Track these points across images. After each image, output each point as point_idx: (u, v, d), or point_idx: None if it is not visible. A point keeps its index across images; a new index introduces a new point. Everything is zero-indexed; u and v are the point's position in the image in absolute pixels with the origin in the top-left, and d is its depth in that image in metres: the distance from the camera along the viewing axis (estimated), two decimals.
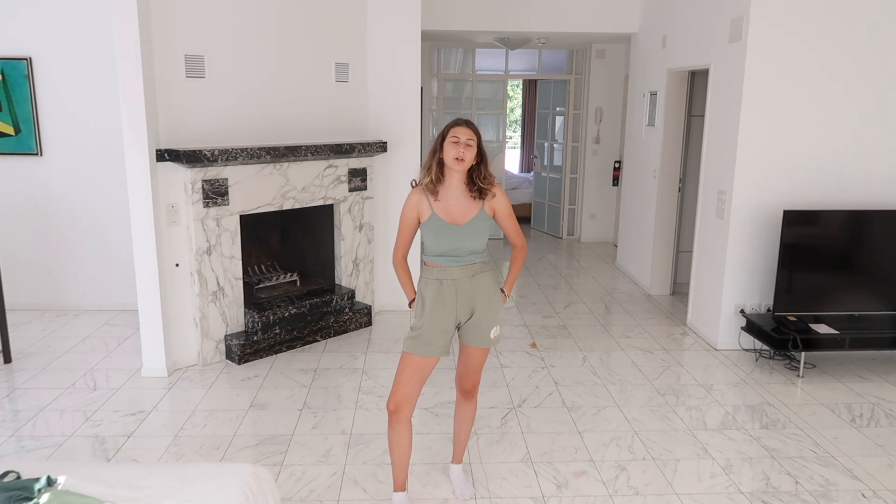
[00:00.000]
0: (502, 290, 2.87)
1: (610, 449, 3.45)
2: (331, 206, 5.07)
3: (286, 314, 4.74)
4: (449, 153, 2.63)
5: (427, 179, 2.69)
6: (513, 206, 7.81)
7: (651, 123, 6.32)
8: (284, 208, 4.71)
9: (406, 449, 2.81)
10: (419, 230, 2.79)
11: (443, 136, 2.67)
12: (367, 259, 5.30)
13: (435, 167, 2.69)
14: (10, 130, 5.25)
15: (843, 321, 4.54)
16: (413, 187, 2.78)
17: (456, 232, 2.69)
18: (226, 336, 4.54)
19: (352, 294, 5.16)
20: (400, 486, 2.88)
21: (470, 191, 2.71)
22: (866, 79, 4.53)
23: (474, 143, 2.65)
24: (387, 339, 4.99)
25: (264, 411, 3.83)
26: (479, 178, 2.70)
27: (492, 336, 2.82)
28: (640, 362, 4.63)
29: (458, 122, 2.68)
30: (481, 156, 2.69)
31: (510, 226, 2.88)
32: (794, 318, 4.50)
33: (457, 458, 3.08)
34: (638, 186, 6.73)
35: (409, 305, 2.85)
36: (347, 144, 4.87)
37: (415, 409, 2.86)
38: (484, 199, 2.72)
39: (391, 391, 2.75)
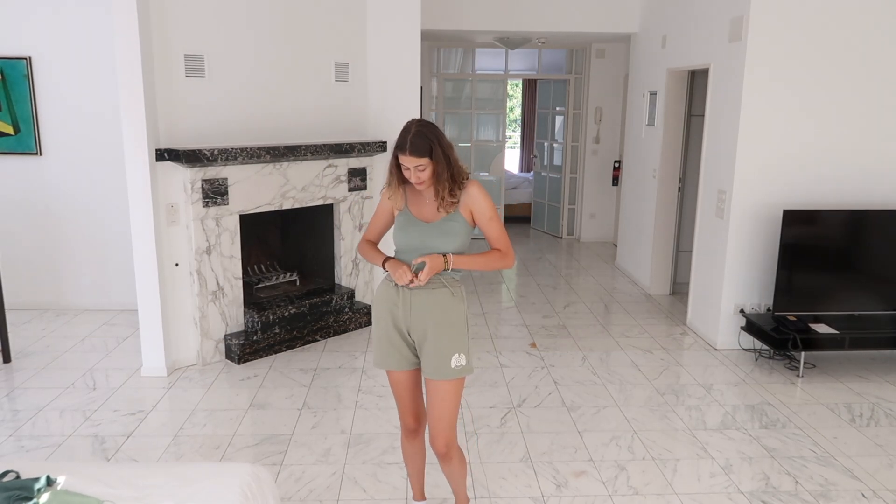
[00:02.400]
0: (445, 256, 2.35)
1: (609, 449, 3.45)
2: (330, 206, 5.07)
3: (286, 314, 4.74)
4: (405, 175, 2.37)
5: (392, 190, 2.44)
6: (513, 205, 7.79)
7: (651, 123, 6.32)
8: (284, 208, 4.71)
9: (420, 459, 2.74)
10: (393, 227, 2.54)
11: (394, 156, 2.35)
12: None
13: (399, 182, 2.42)
14: (9, 130, 5.24)
15: (842, 321, 4.54)
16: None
17: (423, 229, 2.40)
18: (225, 336, 4.54)
19: (351, 294, 5.16)
20: (419, 494, 2.83)
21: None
22: (866, 78, 4.53)
23: (426, 167, 2.30)
24: None
25: (264, 411, 3.83)
26: (439, 198, 2.36)
27: (452, 366, 2.40)
28: (640, 362, 4.63)
29: (401, 148, 2.30)
30: (443, 167, 2.31)
31: (493, 232, 2.45)
32: (794, 318, 4.50)
33: (459, 500, 2.76)
34: (638, 186, 6.73)
35: (383, 265, 2.44)
36: (347, 144, 4.87)
37: (425, 418, 2.64)
38: (450, 209, 2.39)
39: (398, 412, 2.66)
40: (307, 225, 5.20)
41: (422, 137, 2.29)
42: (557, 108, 9.02)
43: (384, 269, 2.45)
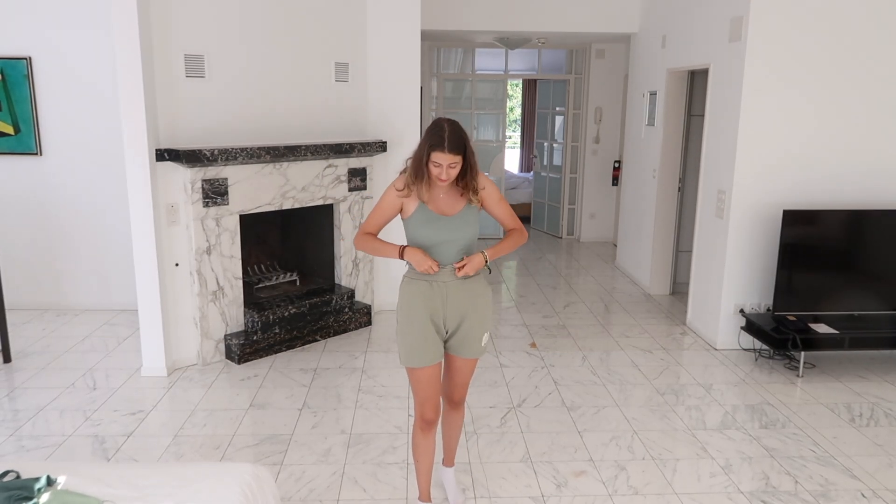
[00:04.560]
0: (483, 253, 2.53)
1: (609, 448, 3.45)
2: (330, 206, 5.07)
3: (286, 314, 4.74)
4: (432, 171, 2.46)
5: (415, 189, 2.51)
6: (513, 205, 7.82)
7: (651, 123, 6.32)
8: (284, 208, 4.71)
9: (432, 455, 2.77)
10: (404, 227, 2.60)
11: (426, 153, 2.43)
12: (366, 259, 5.30)
13: (424, 180, 2.49)
14: (9, 130, 5.25)
15: (842, 321, 4.54)
16: (401, 173, 2.57)
17: (447, 222, 2.53)
18: (225, 336, 4.54)
19: (351, 294, 5.16)
20: (426, 495, 2.82)
21: (457, 191, 2.55)
22: (866, 78, 4.53)
23: (458, 164, 2.44)
24: (386, 338, 4.99)
25: (264, 411, 3.83)
26: (470, 189, 2.52)
27: (482, 344, 2.68)
28: (640, 362, 4.63)
29: (438, 146, 2.39)
30: (469, 165, 2.49)
31: (504, 212, 2.65)
32: (794, 318, 4.50)
33: (449, 461, 2.99)
34: (637, 186, 6.73)
35: (401, 255, 2.52)
36: (347, 144, 4.88)
37: (441, 411, 2.77)
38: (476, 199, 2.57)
39: (416, 406, 2.68)
40: (307, 225, 5.20)
41: (457, 136, 2.42)
42: (557, 108, 9.01)
43: (402, 258, 2.53)
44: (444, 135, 2.40)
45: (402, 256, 2.52)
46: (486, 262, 2.54)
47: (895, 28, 4.48)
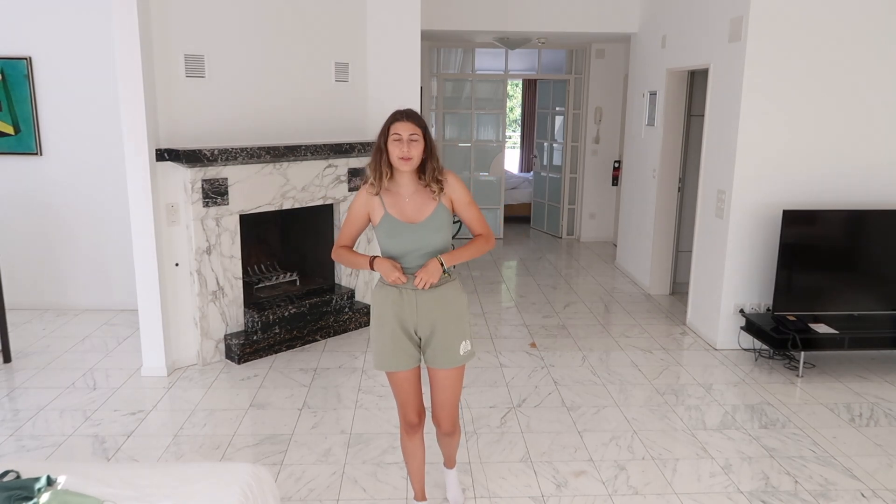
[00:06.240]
0: (438, 258, 2.43)
1: (609, 448, 3.45)
2: (330, 206, 5.07)
3: (286, 314, 4.74)
4: (393, 153, 2.40)
5: (374, 180, 2.46)
6: (513, 205, 7.83)
7: (650, 123, 6.32)
8: (284, 208, 4.72)
9: (420, 456, 2.76)
10: (375, 235, 2.58)
11: (385, 134, 2.42)
12: None
13: (384, 167, 2.44)
14: (9, 130, 5.25)
15: (842, 321, 4.54)
16: (363, 183, 2.53)
17: (413, 231, 2.45)
18: (225, 336, 4.54)
19: (351, 294, 5.16)
20: (420, 495, 2.84)
21: (424, 186, 2.47)
22: (866, 78, 4.53)
23: (419, 137, 2.40)
24: None
25: (264, 411, 3.83)
26: (429, 174, 2.45)
27: (461, 353, 2.54)
28: (640, 362, 4.63)
29: (397, 117, 2.43)
30: (429, 148, 2.44)
31: (472, 216, 2.57)
32: (794, 318, 4.51)
33: (449, 464, 2.94)
34: (637, 186, 6.73)
35: (371, 265, 2.49)
36: (347, 144, 4.88)
37: (425, 414, 2.72)
38: (441, 191, 2.48)
39: (398, 409, 2.68)
40: (307, 225, 5.20)
41: (413, 112, 2.48)
42: (557, 108, 9.01)
43: (372, 269, 2.51)
44: (400, 111, 2.48)
45: (372, 267, 2.49)
46: (444, 266, 2.45)
47: (895, 29, 4.48)
